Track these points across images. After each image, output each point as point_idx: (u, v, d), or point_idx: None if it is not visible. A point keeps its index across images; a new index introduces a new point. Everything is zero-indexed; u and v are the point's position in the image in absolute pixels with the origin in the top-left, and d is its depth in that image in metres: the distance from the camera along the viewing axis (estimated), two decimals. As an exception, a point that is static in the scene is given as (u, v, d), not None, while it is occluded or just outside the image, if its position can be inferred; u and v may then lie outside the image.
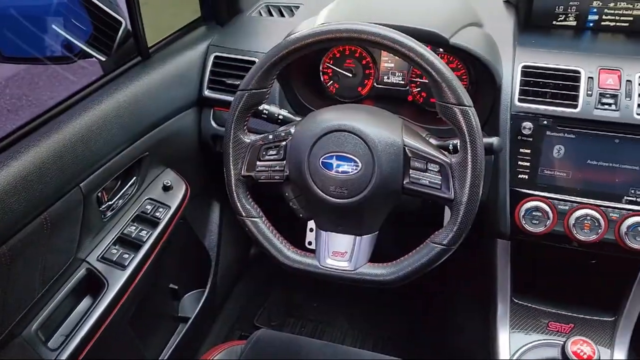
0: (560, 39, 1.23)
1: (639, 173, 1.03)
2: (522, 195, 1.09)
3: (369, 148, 0.87)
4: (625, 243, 1.04)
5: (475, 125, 0.84)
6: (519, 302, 1.23)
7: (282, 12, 1.48)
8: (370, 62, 1.28)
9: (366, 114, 0.92)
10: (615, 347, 1.14)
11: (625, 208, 1.04)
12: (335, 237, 0.93)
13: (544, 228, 1.08)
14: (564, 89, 1.07)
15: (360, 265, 0.91)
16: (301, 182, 0.92)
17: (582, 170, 1.06)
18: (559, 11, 1.26)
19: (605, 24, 1.24)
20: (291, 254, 0.95)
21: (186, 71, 1.33)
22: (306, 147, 0.90)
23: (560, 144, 1.07)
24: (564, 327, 1.18)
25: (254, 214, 0.96)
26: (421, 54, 0.85)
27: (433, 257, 0.87)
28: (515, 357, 1.13)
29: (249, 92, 0.94)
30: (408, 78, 1.27)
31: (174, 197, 1.27)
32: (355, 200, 0.88)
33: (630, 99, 1.03)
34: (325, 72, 1.31)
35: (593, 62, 1.08)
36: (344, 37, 0.88)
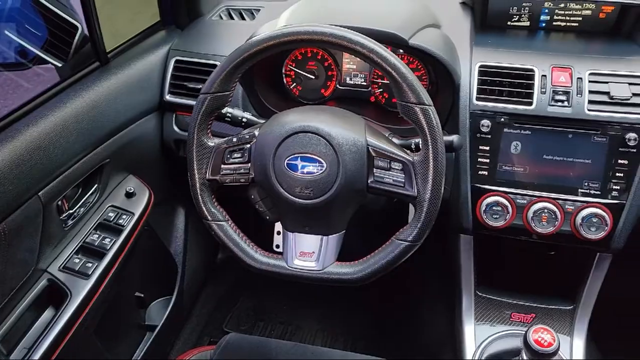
0: (515, 39, 1.28)
1: (591, 166, 1.08)
2: (482, 191, 1.12)
3: (333, 148, 0.88)
4: (581, 234, 1.08)
5: (435, 124, 0.86)
6: (482, 295, 1.26)
7: (242, 15, 1.48)
8: (333, 64, 1.29)
9: (330, 115, 0.93)
10: (574, 334, 1.19)
11: (580, 200, 1.09)
12: (302, 238, 0.93)
13: (504, 222, 1.11)
14: (519, 87, 1.10)
15: (327, 265, 0.92)
16: (267, 184, 0.92)
17: (538, 165, 1.10)
18: (513, 12, 1.30)
19: (557, 24, 1.29)
20: (259, 256, 0.95)
21: (146, 76, 1.31)
22: (271, 149, 0.90)
23: (517, 140, 1.11)
24: (526, 317, 1.22)
25: (220, 218, 0.96)
26: (381, 54, 0.86)
27: (399, 254, 0.89)
28: (481, 349, 1.16)
29: (212, 95, 0.93)
30: (370, 79, 1.29)
31: (137, 203, 1.25)
32: (321, 201, 0.89)
33: (581, 95, 1.07)
34: (287, 74, 1.32)
35: (546, 60, 1.12)
36: (305, 39, 0.89)
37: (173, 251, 1.57)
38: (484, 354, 1.15)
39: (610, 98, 1.06)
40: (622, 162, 1.06)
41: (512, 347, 1.12)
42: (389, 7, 1.20)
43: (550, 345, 0.90)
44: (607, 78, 1.08)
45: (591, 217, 1.07)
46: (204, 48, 1.35)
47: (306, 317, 1.78)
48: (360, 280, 0.91)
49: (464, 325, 1.22)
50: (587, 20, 1.27)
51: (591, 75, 1.09)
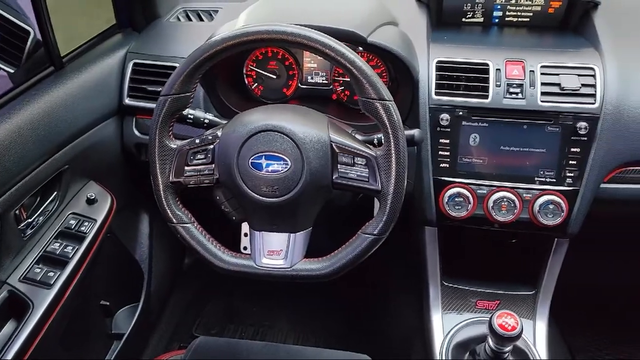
0: (470, 35, 1.31)
1: (546, 155, 1.12)
2: (444, 183, 1.15)
3: (297, 146, 0.89)
4: (539, 220, 1.12)
5: (396, 119, 0.88)
6: (448, 285, 1.29)
7: (200, 16, 1.47)
8: (294, 63, 1.30)
9: (292, 113, 0.94)
10: (537, 317, 1.23)
11: (537, 188, 1.13)
12: (269, 236, 0.94)
13: (466, 212, 1.14)
14: (475, 81, 1.13)
15: (296, 262, 0.93)
16: (232, 184, 0.92)
17: (496, 156, 1.14)
18: (467, 9, 1.34)
19: (509, 19, 1.33)
20: (226, 257, 0.94)
21: (104, 80, 1.29)
22: (234, 149, 0.90)
23: (475, 133, 1.14)
24: (490, 304, 1.26)
25: (185, 220, 0.95)
26: (341, 52, 0.87)
27: (365, 247, 0.90)
28: (449, 337, 1.19)
29: (172, 97, 0.92)
30: (331, 77, 1.30)
31: (99, 210, 1.23)
32: (287, 198, 0.90)
33: (534, 87, 1.11)
34: (249, 74, 1.32)
35: (500, 54, 1.16)
36: (265, 39, 0.89)
37: (138, 257, 1.55)
38: (452, 342, 1.18)
39: (561, 89, 1.11)
40: (574, 151, 1.11)
41: (479, 333, 1.15)
42: (347, 6, 1.22)
43: (513, 329, 0.93)
44: (557, 70, 1.13)
45: (548, 204, 1.11)
46: (163, 50, 1.33)
47: (277, 317, 1.78)
48: (329, 275, 0.92)
49: (431, 315, 1.25)
50: (537, 15, 1.32)
51: (543, 68, 1.13)
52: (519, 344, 1.14)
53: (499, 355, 1.02)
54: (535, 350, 1.15)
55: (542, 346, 1.18)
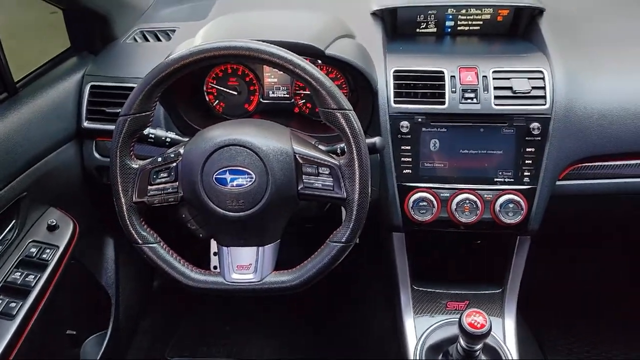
0: (424, 45, 1.35)
1: (503, 156, 1.16)
2: (408, 188, 1.18)
3: (260, 159, 0.90)
4: (500, 219, 1.15)
5: (357, 127, 0.90)
6: (419, 289, 1.31)
7: (158, 36, 1.47)
8: (254, 79, 1.31)
9: (254, 127, 0.95)
10: (505, 314, 1.26)
11: (496, 189, 1.16)
12: (238, 251, 0.93)
13: (431, 216, 1.17)
14: (432, 88, 1.17)
15: (265, 275, 0.93)
16: (197, 201, 0.91)
17: (456, 160, 1.17)
18: (420, 20, 1.38)
19: (461, 28, 1.38)
20: (195, 275, 0.93)
21: (60, 104, 1.27)
22: (198, 165, 0.90)
23: (435, 138, 1.17)
24: (460, 305, 1.28)
25: (151, 240, 0.94)
26: (299, 65, 0.89)
27: (334, 256, 0.91)
28: (422, 340, 1.20)
29: (131, 116, 0.92)
30: (292, 91, 1.32)
31: (61, 236, 1.20)
32: (253, 212, 0.90)
33: (488, 92, 1.16)
34: (209, 92, 1.32)
35: (453, 62, 1.20)
36: (223, 55, 0.90)
37: (105, 282, 1.51)
38: (425, 344, 1.19)
39: (513, 92, 1.15)
40: (529, 150, 1.15)
41: (451, 334, 1.17)
42: (304, 21, 1.24)
43: (482, 326, 0.95)
44: (509, 75, 1.17)
45: (508, 203, 1.15)
46: (121, 71, 1.32)
47: (250, 334, 1.77)
48: (300, 286, 0.92)
49: (404, 320, 1.26)
50: (487, 23, 1.37)
51: (494, 73, 1.17)
52: (490, 342, 1.16)
53: (470, 354, 1.03)
54: (506, 347, 1.18)
55: (512, 343, 1.20)
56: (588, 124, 1.15)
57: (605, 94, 1.18)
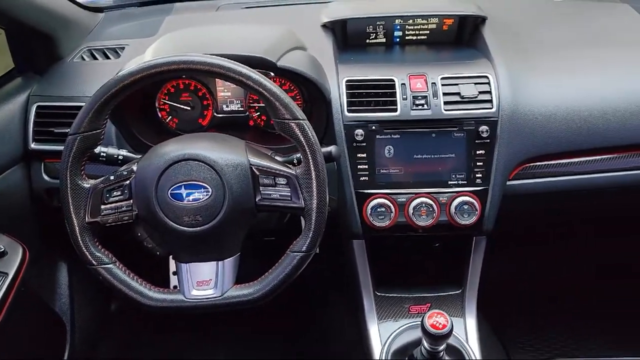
0: (375, 54, 1.38)
1: (455, 160, 1.19)
2: (366, 195, 1.19)
3: (216, 172, 0.89)
4: (456, 221, 1.18)
5: (312, 136, 0.91)
6: (382, 294, 1.32)
7: (106, 54, 1.44)
8: (207, 93, 1.30)
9: (209, 141, 0.94)
10: (466, 314, 1.28)
11: (451, 191, 1.19)
12: (197, 267, 0.92)
13: (390, 221, 1.19)
14: (384, 96, 1.19)
15: (226, 290, 0.92)
16: (152, 218, 0.90)
17: (411, 165, 1.19)
18: (370, 30, 1.41)
19: (409, 38, 1.42)
20: (154, 294, 0.91)
21: (5, 126, 1.22)
22: (152, 182, 0.89)
23: (389, 145, 1.19)
24: (422, 308, 1.30)
25: (105, 261, 0.91)
26: (251, 77, 0.89)
27: (295, 265, 0.91)
28: (387, 346, 1.21)
29: (81, 135, 0.90)
30: (246, 104, 1.32)
31: (9, 263, 1.14)
32: (211, 226, 0.89)
33: (437, 98, 1.19)
34: (162, 108, 1.30)
35: (403, 70, 1.23)
36: (174, 69, 0.89)
37: (59, 309, 1.45)
38: (390, 350, 1.20)
39: (462, 98, 1.19)
40: (480, 153, 1.18)
41: (415, 337, 1.18)
42: (255, 34, 1.24)
43: (444, 327, 0.97)
44: (456, 81, 1.21)
45: (463, 205, 1.18)
46: (68, 91, 1.29)
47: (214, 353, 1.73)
48: (262, 298, 0.91)
49: (368, 327, 1.27)
50: (433, 32, 1.41)
51: (443, 79, 1.21)
52: (453, 342, 1.18)
53: (434, 356, 1.05)
54: (469, 347, 1.20)
55: (474, 342, 1.23)
56: (533, 125, 1.20)
57: (548, 95, 1.23)
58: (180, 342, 1.76)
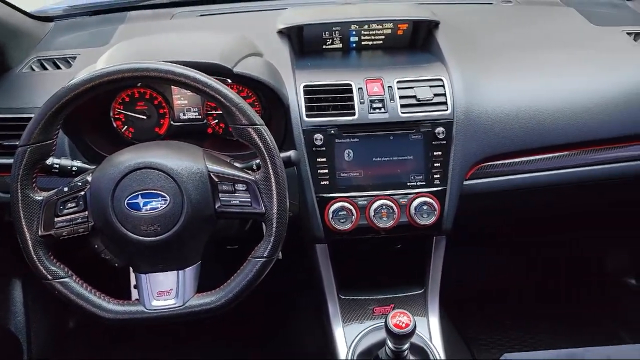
0: (332, 60, 1.40)
1: (414, 161, 1.21)
2: (327, 199, 1.20)
3: (174, 180, 0.88)
4: (416, 221, 1.20)
5: (270, 141, 0.91)
6: (346, 298, 1.33)
7: (57, 64, 1.40)
8: (163, 102, 1.28)
9: (165, 149, 0.93)
10: (429, 313, 1.30)
11: (410, 192, 1.21)
12: (157, 277, 0.90)
13: (351, 224, 1.20)
14: (341, 100, 1.21)
15: (188, 299, 0.90)
16: (109, 229, 0.88)
17: (370, 168, 1.21)
18: (326, 36, 1.42)
19: (365, 43, 1.44)
20: (113, 307, 0.89)
21: None
22: (107, 192, 0.87)
23: (348, 149, 1.20)
24: (386, 309, 1.31)
25: (61, 275, 0.89)
26: (206, 83, 0.89)
27: (258, 271, 0.91)
28: (352, 348, 1.22)
29: (31, 146, 0.87)
30: (204, 112, 1.30)
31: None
32: (170, 235, 0.88)
33: (394, 101, 1.21)
34: (117, 118, 1.27)
35: (360, 75, 1.24)
36: (127, 77, 0.88)
37: (14, 328, 1.40)
38: (355, 352, 1.21)
39: (417, 100, 1.21)
40: (437, 154, 1.21)
41: (380, 338, 1.19)
42: (210, 41, 1.23)
43: (407, 325, 0.98)
44: (412, 84, 1.23)
45: (422, 206, 1.20)
46: (17, 102, 1.25)
47: None
48: (225, 305, 0.90)
49: (333, 330, 1.27)
50: (389, 37, 1.44)
51: (399, 83, 1.23)
52: (417, 341, 1.20)
53: (398, 355, 1.06)
54: (432, 345, 1.22)
55: (438, 340, 1.25)
56: (487, 126, 1.24)
57: (500, 96, 1.27)
58: (141, 355, 1.72)
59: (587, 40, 1.45)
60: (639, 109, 1.30)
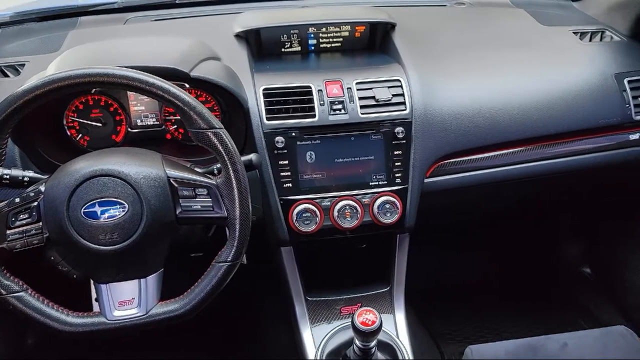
0: (291, 63, 1.40)
1: (375, 161, 1.23)
2: (290, 202, 1.20)
3: (132, 187, 0.86)
4: (379, 220, 1.22)
5: (230, 145, 0.90)
6: (313, 299, 1.33)
7: (4, 72, 1.35)
8: (119, 109, 1.25)
9: (122, 155, 0.91)
10: (395, 310, 1.32)
11: (373, 192, 1.22)
12: (118, 287, 0.88)
13: (315, 225, 1.20)
14: (302, 102, 1.21)
15: (151, 307, 0.89)
16: (65, 239, 0.85)
17: (332, 169, 1.21)
18: (284, 39, 1.42)
19: (324, 45, 1.45)
20: (72, 319, 0.86)
21: None
22: (62, 202, 0.84)
23: (310, 150, 1.21)
24: (353, 308, 1.32)
25: (16, 289, 0.85)
26: (162, 87, 0.87)
27: (222, 276, 0.90)
28: (321, 349, 1.22)
29: None
30: (162, 117, 1.28)
31: None
32: (130, 243, 0.86)
33: (354, 102, 1.22)
34: (71, 126, 1.24)
35: (319, 77, 1.25)
36: (80, 83, 0.86)
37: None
38: (324, 352, 1.21)
39: (376, 101, 1.23)
40: (397, 153, 1.23)
41: (347, 338, 1.20)
42: (166, 46, 1.22)
43: (373, 322, 0.99)
44: (370, 85, 1.25)
45: (385, 204, 1.21)
46: None
47: None
48: (190, 312, 0.89)
49: (301, 332, 1.27)
50: (347, 40, 1.45)
51: (358, 84, 1.24)
52: (384, 338, 1.21)
53: (366, 352, 1.07)
54: (399, 341, 1.23)
55: (404, 336, 1.26)
56: (444, 124, 1.26)
57: (456, 96, 1.30)
58: None
59: (536, 40, 1.50)
60: (587, 104, 1.35)
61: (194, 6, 1.60)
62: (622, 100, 1.38)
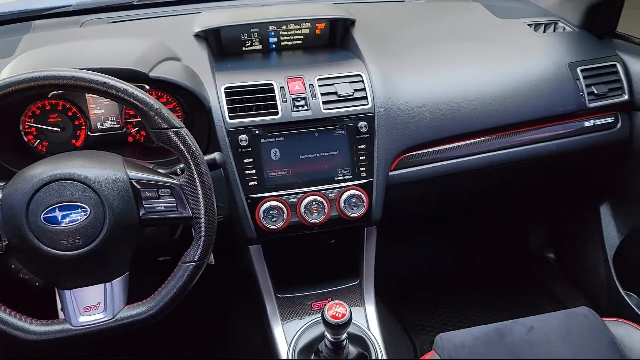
0: (252, 62, 1.40)
1: (340, 157, 1.24)
2: (257, 200, 1.20)
3: (93, 190, 0.85)
4: (347, 215, 1.23)
5: (192, 144, 0.90)
6: (283, 296, 1.33)
7: (-44, 80, 1.31)
8: (78, 113, 1.23)
9: (81, 159, 0.89)
10: (365, 303, 1.33)
11: (339, 187, 1.23)
12: (82, 292, 0.87)
13: (283, 223, 1.20)
14: (264, 100, 1.21)
15: (118, 311, 0.88)
16: (26, 246, 0.83)
17: (298, 166, 1.22)
18: (245, 38, 1.42)
19: (285, 44, 1.45)
20: (36, 328, 0.85)
21: None
22: (21, 208, 0.82)
23: (275, 148, 1.21)
24: (324, 303, 1.32)
25: (-26, 300, 0.83)
26: (120, 88, 0.86)
27: (189, 276, 0.89)
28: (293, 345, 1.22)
29: None
30: (123, 120, 1.26)
31: None
32: (93, 247, 0.85)
33: (316, 98, 1.23)
34: (28, 132, 1.21)
35: (281, 74, 1.25)
36: (33, 86, 0.84)
37: None
38: (296, 348, 1.21)
39: (339, 97, 1.24)
40: (361, 148, 1.24)
41: (319, 333, 1.20)
42: (123, 48, 1.20)
43: (344, 315, 1.00)
44: (332, 81, 1.26)
45: (351, 199, 1.23)
46: None
47: None
48: (158, 314, 0.88)
49: (273, 329, 1.27)
50: (308, 37, 1.46)
51: (320, 80, 1.25)
52: (355, 331, 1.22)
53: (338, 345, 1.08)
54: (371, 333, 1.25)
55: (376, 328, 1.27)
56: (406, 118, 1.28)
57: (416, 89, 1.33)
58: None
59: (492, 33, 1.54)
60: (543, 94, 1.40)
61: (152, 7, 1.58)
62: (577, 89, 1.43)
